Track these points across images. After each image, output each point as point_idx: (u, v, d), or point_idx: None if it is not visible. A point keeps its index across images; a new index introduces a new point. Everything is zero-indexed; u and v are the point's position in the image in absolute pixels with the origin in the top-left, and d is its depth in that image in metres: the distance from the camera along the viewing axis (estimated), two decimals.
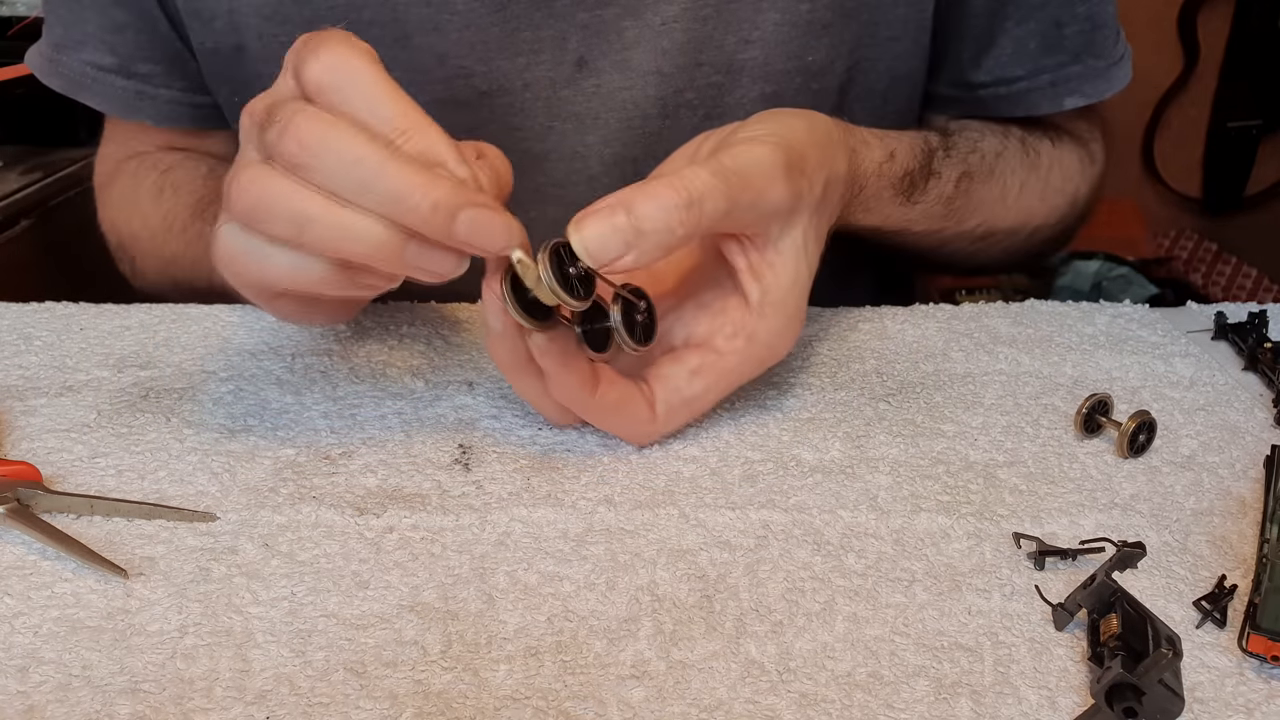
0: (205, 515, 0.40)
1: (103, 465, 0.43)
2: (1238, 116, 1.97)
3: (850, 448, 0.45)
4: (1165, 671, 0.31)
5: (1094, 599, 0.35)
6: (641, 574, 0.38)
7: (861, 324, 0.56)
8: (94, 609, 0.36)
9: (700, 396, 0.44)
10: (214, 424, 0.46)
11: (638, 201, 0.38)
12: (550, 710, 0.32)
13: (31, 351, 0.52)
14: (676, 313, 0.46)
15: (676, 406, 0.44)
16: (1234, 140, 2.00)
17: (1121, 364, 0.52)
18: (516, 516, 0.41)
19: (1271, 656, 0.33)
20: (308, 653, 0.34)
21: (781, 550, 0.39)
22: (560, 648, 0.35)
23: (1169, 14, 1.93)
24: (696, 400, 0.44)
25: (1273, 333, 0.54)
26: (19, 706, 0.32)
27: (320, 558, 0.38)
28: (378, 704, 0.32)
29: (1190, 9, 1.91)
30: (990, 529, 0.40)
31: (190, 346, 0.53)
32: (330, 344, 0.53)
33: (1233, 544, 0.40)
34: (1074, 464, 0.44)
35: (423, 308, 0.57)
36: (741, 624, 0.36)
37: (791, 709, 0.32)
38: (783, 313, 0.44)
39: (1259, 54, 1.92)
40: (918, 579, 0.38)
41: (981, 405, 0.49)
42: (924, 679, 0.33)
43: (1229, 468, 0.44)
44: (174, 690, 0.33)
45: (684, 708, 0.32)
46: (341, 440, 0.45)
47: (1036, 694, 0.33)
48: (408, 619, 0.36)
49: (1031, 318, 0.57)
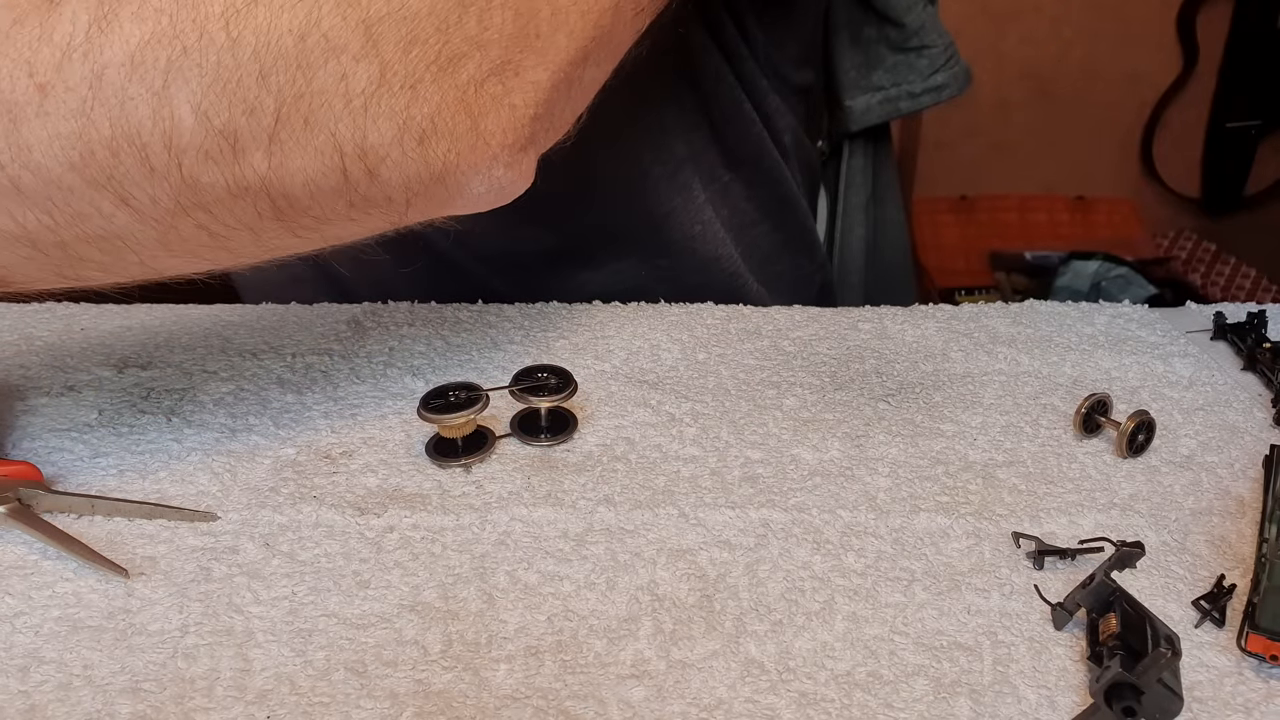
0: (206, 515, 0.40)
1: (104, 465, 0.43)
2: (1236, 117, 1.98)
3: (850, 447, 0.45)
4: (1164, 671, 0.31)
5: (1093, 598, 0.35)
6: (641, 573, 0.38)
7: (861, 324, 0.56)
8: (95, 609, 0.36)
9: None
10: (215, 424, 0.46)
11: None
12: (550, 710, 0.32)
13: (32, 351, 0.52)
14: None
15: None
16: (1233, 140, 2.01)
17: (1120, 364, 0.52)
18: (516, 516, 0.41)
19: (1270, 656, 0.34)
20: (308, 652, 0.34)
21: (781, 550, 0.39)
22: (560, 647, 0.35)
23: (1168, 14, 1.93)
24: None
25: (1272, 333, 0.54)
26: (20, 706, 0.32)
27: (321, 557, 0.38)
28: (378, 703, 0.32)
29: (1189, 9, 1.91)
30: (989, 528, 0.40)
31: (191, 346, 0.53)
32: (331, 344, 0.53)
33: (1231, 544, 0.40)
34: (1073, 464, 0.44)
35: (423, 308, 0.57)
36: (741, 623, 0.36)
37: (791, 708, 0.32)
38: None
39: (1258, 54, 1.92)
40: (917, 578, 0.38)
41: (981, 405, 0.49)
42: (923, 678, 0.34)
43: (1228, 467, 0.44)
44: (175, 690, 0.33)
45: (684, 707, 0.32)
46: (342, 440, 0.45)
47: (1035, 693, 0.33)
48: (408, 618, 0.36)
49: (1030, 318, 0.57)
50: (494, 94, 0.37)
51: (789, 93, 0.67)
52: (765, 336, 0.54)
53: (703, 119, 0.62)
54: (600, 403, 0.48)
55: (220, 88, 0.33)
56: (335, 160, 0.35)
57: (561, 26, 0.38)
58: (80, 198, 0.34)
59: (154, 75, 0.32)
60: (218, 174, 0.34)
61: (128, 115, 0.32)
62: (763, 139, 0.65)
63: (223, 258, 0.39)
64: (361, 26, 0.34)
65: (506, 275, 0.63)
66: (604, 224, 0.62)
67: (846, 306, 0.58)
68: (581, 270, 0.63)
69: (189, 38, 0.32)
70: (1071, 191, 1.99)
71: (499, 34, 0.36)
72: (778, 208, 0.68)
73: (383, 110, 0.35)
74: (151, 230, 0.36)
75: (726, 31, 0.60)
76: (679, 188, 0.62)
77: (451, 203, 0.40)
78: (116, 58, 0.32)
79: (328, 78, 0.34)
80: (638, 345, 0.53)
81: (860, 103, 0.75)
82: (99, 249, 0.36)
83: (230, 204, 0.35)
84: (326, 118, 0.34)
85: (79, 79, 0.32)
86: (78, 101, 0.32)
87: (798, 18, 0.66)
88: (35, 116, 0.32)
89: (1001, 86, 1.91)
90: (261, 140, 0.34)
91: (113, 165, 0.33)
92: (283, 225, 0.37)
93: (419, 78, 0.35)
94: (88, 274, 0.37)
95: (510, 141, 0.38)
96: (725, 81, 0.61)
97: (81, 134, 0.32)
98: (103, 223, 0.35)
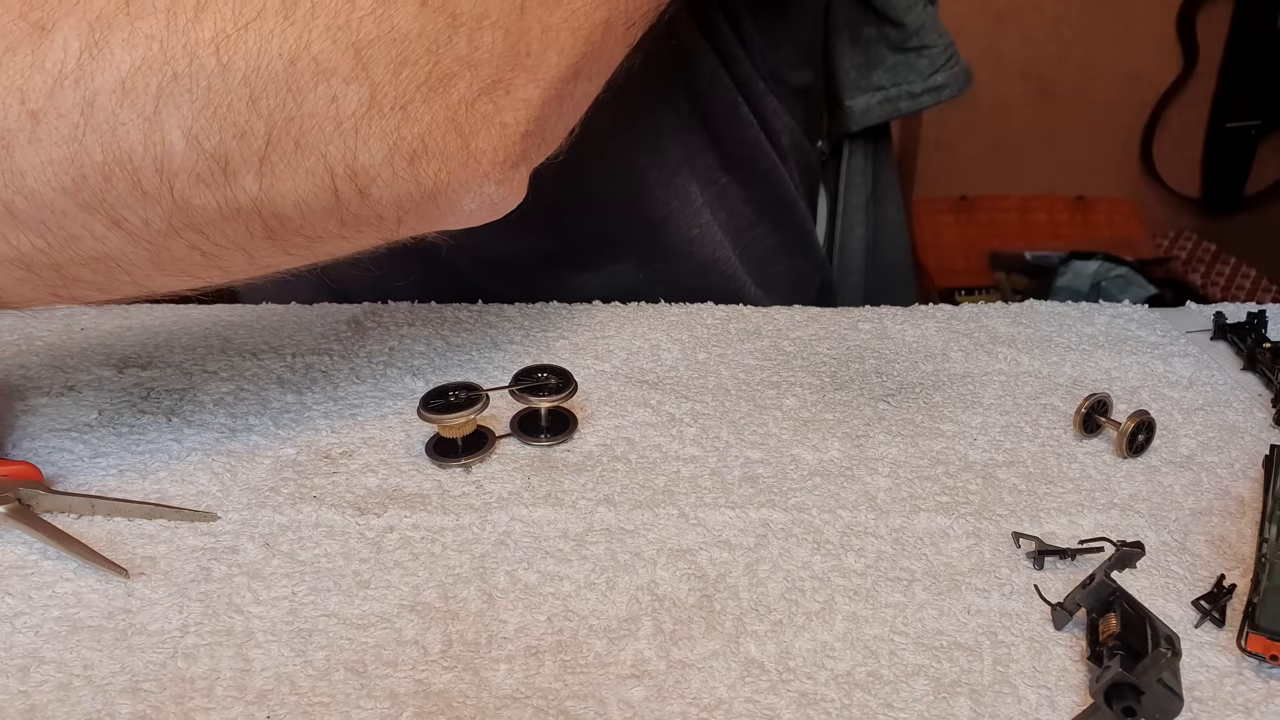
0: (206, 515, 0.40)
1: (104, 465, 0.43)
2: (1236, 117, 1.98)
3: (850, 447, 0.45)
4: (1164, 671, 0.31)
5: (1093, 598, 0.35)
6: (641, 573, 0.38)
7: (861, 324, 0.56)
8: (95, 609, 0.36)
9: None
10: (215, 424, 0.46)
11: None
12: (550, 710, 0.32)
13: (33, 351, 0.52)
14: None
15: None
16: (1233, 140, 2.01)
17: (1120, 364, 0.52)
18: (516, 516, 0.41)
19: (1270, 656, 0.34)
20: (308, 652, 0.34)
21: (781, 550, 0.39)
22: (560, 647, 0.35)
23: (1168, 14, 1.93)
24: None
25: (1272, 333, 0.54)
26: (20, 706, 0.32)
27: (321, 557, 0.38)
28: (378, 703, 0.32)
29: (1189, 9, 1.91)
30: (989, 528, 0.40)
31: (191, 346, 0.53)
32: (331, 344, 0.53)
33: (1231, 543, 0.40)
34: (1073, 464, 0.44)
35: (423, 308, 0.57)
36: (741, 623, 0.36)
37: (791, 708, 0.32)
38: None
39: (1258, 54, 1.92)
40: (917, 578, 0.38)
41: (981, 405, 0.49)
42: (923, 678, 0.34)
43: (1228, 467, 0.44)
44: (175, 690, 0.33)
45: (684, 707, 0.32)
46: (342, 440, 0.45)
47: (1035, 693, 0.33)
48: (408, 618, 0.36)
49: (1030, 318, 0.57)
50: (485, 113, 0.37)
51: (786, 94, 0.67)
52: (765, 336, 0.54)
53: (699, 122, 0.62)
54: (600, 403, 0.48)
55: (211, 112, 0.33)
56: (326, 181, 0.36)
57: (552, 44, 0.38)
58: (73, 221, 0.34)
59: (145, 101, 0.32)
60: (209, 196, 0.35)
61: (119, 140, 0.33)
62: (760, 141, 0.65)
63: (215, 275, 0.39)
64: (352, 49, 0.34)
65: (504, 278, 0.63)
66: (601, 228, 0.62)
67: (846, 306, 0.58)
68: (579, 273, 0.63)
69: (180, 64, 0.32)
70: (1071, 191, 1.99)
71: (489, 53, 0.36)
72: (776, 209, 0.68)
73: (373, 131, 0.35)
74: (144, 251, 0.36)
75: (722, 33, 0.60)
76: (676, 191, 0.62)
77: (443, 220, 0.40)
78: (108, 84, 0.32)
79: (318, 100, 0.34)
80: (638, 345, 0.53)
81: (860, 103, 0.75)
82: (92, 270, 0.36)
83: (222, 225, 0.36)
84: (317, 140, 0.35)
85: (71, 105, 0.32)
86: (70, 127, 0.32)
87: (794, 19, 0.66)
88: (28, 143, 0.32)
89: (1001, 86, 1.91)
90: (252, 163, 0.34)
91: (105, 189, 0.33)
92: (274, 244, 0.38)
93: (409, 98, 0.35)
94: (81, 293, 0.38)
95: (501, 159, 0.39)
96: (721, 84, 0.61)
97: (74, 159, 0.33)
98: (96, 245, 0.35)
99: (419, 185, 0.37)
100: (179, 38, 0.32)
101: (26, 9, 0.32)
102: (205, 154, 0.34)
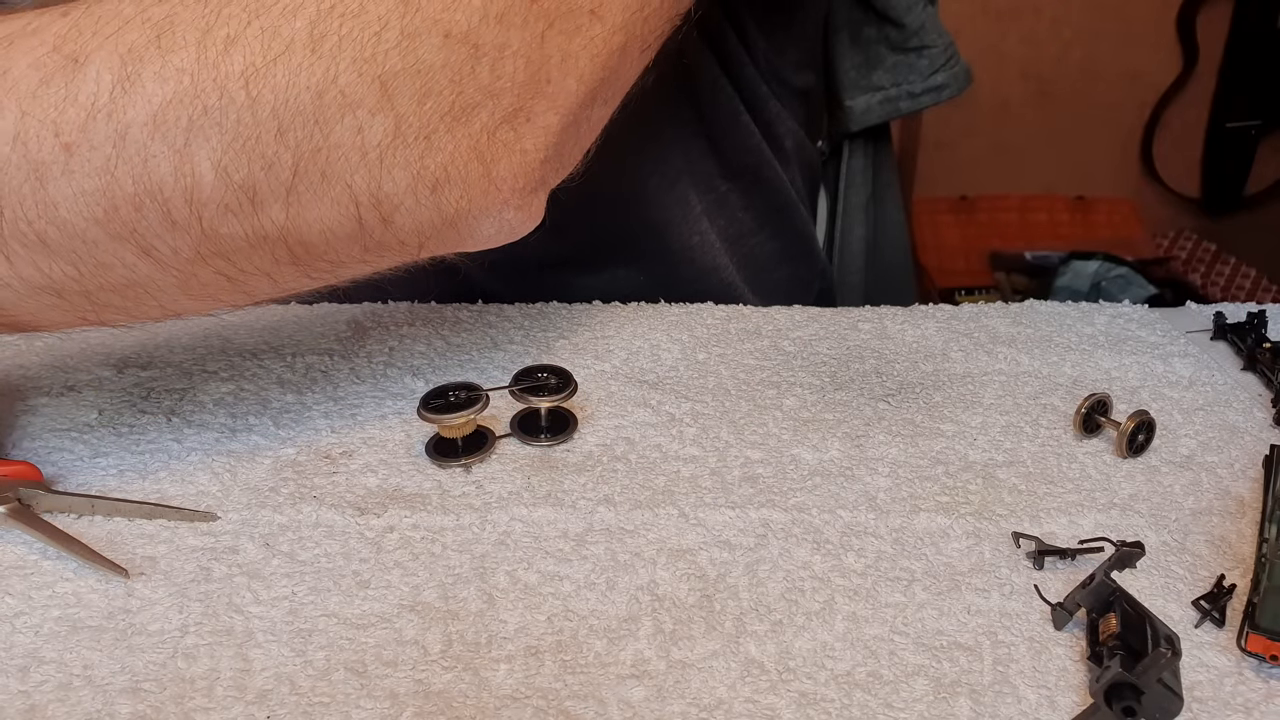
0: (206, 515, 0.40)
1: (104, 465, 0.43)
2: (1236, 117, 1.98)
3: (850, 447, 0.45)
4: (1164, 671, 0.31)
5: (1093, 598, 0.35)
6: (641, 573, 0.38)
7: (861, 324, 0.56)
8: (95, 609, 0.36)
9: None
10: (215, 424, 0.46)
11: None
12: (550, 710, 0.32)
13: (32, 351, 0.52)
14: None
15: None
16: (1233, 140, 2.01)
17: (1120, 364, 0.52)
18: (516, 516, 0.41)
19: (1270, 656, 0.34)
20: (308, 652, 0.34)
21: (781, 550, 0.39)
22: (560, 647, 0.35)
23: (1168, 14, 1.93)
24: None
25: (1272, 333, 0.54)
26: (20, 706, 0.32)
27: (321, 557, 0.38)
28: (378, 703, 0.32)
29: (1189, 9, 1.91)
30: (989, 528, 0.40)
31: (191, 346, 0.53)
32: (331, 344, 0.53)
33: (1231, 543, 0.40)
34: (1073, 464, 0.44)
35: (423, 308, 0.57)
36: (741, 623, 0.36)
37: (791, 708, 0.32)
38: None
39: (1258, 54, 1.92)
40: (917, 578, 0.38)
41: (980, 405, 0.49)
42: (923, 678, 0.34)
43: (1228, 467, 0.44)
44: (175, 690, 0.33)
45: (684, 707, 0.32)
46: (342, 440, 0.45)
47: (1035, 693, 0.33)
48: (408, 618, 0.36)
49: (1030, 318, 0.57)
50: (506, 140, 0.38)
51: (789, 96, 0.67)
52: (765, 336, 0.54)
53: (700, 130, 0.62)
54: (600, 403, 0.48)
55: (240, 145, 0.34)
56: (351, 210, 0.36)
57: (571, 71, 0.38)
58: (104, 250, 0.35)
59: (176, 134, 0.33)
60: (237, 226, 0.35)
61: (150, 172, 0.33)
62: (761, 148, 0.65)
63: (240, 299, 0.40)
64: (378, 81, 0.34)
65: (505, 279, 0.63)
66: (602, 235, 0.62)
67: (846, 306, 0.58)
68: (580, 276, 0.63)
69: (210, 97, 0.33)
70: (1071, 191, 1.99)
71: (511, 82, 0.37)
72: (775, 216, 0.68)
73: (398, 161, 0.36)
74: (172, 278, 0.37)
75: (727, 40, 0.61)
76: (677, 198, 0.62)
77: (462, 243, 0.41)
78: (140, 117, 0.33)
79: (344, 132, 0.35)
80: (638, 345, 0.53)
81: (860, 103, 0.75)
82: (121, 296, 0.37)
83: (249, 252, 0.37)
84: (343, 170, 0.35)
85: (103, 138, 0.33)
86: (102, 160, 0.33)
87: (800, 23, 0.66)
88: (61, 175, 0.33)
89: (1001, 86, 1.91)
90: (279, 193, 0.35)
91: (136, 220, 0.34)
92: (298, 269, 0.38)
93: (433, 129, 0.36)
94: (109, 317, 0.38)
95: (521, 185, 0.39)
96: (723, 92, 0.61)
97: (106, 190, 0.33)
98: (125, 272, 0.36)
99: (441, 212, 0.38)
100: (209, 71, 0.33)
101: (60, 41, 0.33)
102: (234, 185, 0.34)
